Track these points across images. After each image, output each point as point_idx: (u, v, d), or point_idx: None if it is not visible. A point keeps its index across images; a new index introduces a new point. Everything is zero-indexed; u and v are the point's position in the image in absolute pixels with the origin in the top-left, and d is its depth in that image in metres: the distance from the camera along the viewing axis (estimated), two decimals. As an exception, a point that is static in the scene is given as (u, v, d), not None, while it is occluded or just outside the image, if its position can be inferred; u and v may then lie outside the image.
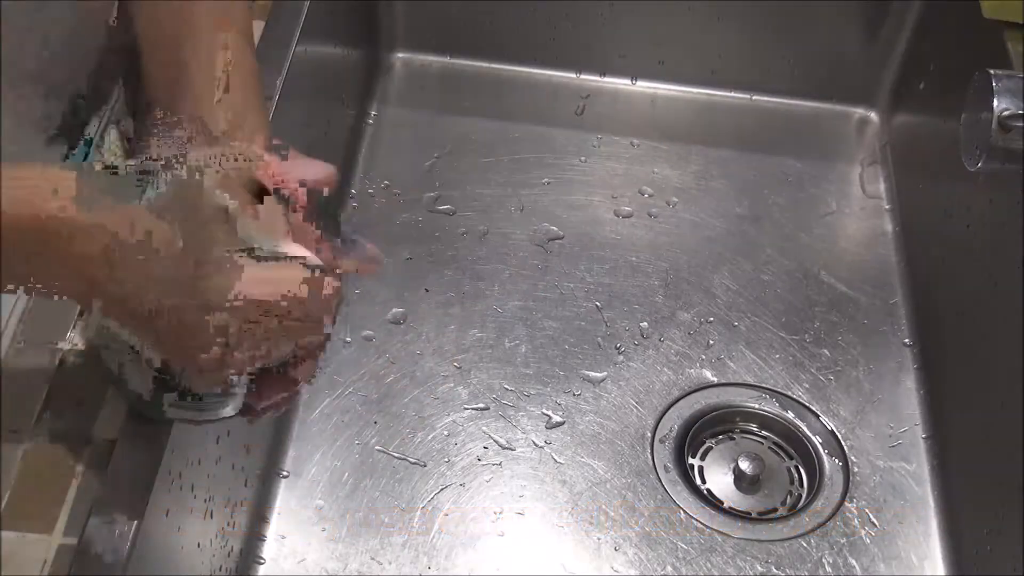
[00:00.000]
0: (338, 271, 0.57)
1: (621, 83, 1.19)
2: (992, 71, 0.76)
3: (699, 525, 0.87)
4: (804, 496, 0.91)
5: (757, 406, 0.95)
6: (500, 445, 0.91)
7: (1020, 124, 0.75)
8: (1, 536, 0.58)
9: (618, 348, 0.98)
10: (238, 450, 0.78)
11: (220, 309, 0.53)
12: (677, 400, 0.94)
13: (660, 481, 0.89)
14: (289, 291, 0.54)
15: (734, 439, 0.94)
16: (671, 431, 0.93)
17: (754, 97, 1.19)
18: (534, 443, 0.91)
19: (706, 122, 1.17)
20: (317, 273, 0.55)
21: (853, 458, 0.92)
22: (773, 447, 0.93)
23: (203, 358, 0.54)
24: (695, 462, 0.92)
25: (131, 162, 0.58)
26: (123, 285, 0.53)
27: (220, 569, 0.76)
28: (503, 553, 0.85)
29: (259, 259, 0.54)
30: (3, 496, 0.59)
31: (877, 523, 0.88)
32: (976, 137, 0.78)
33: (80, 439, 0.62)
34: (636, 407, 0.94)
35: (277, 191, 0.56)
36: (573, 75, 1.19)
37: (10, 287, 0.54)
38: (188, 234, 0.53)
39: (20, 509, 0.59)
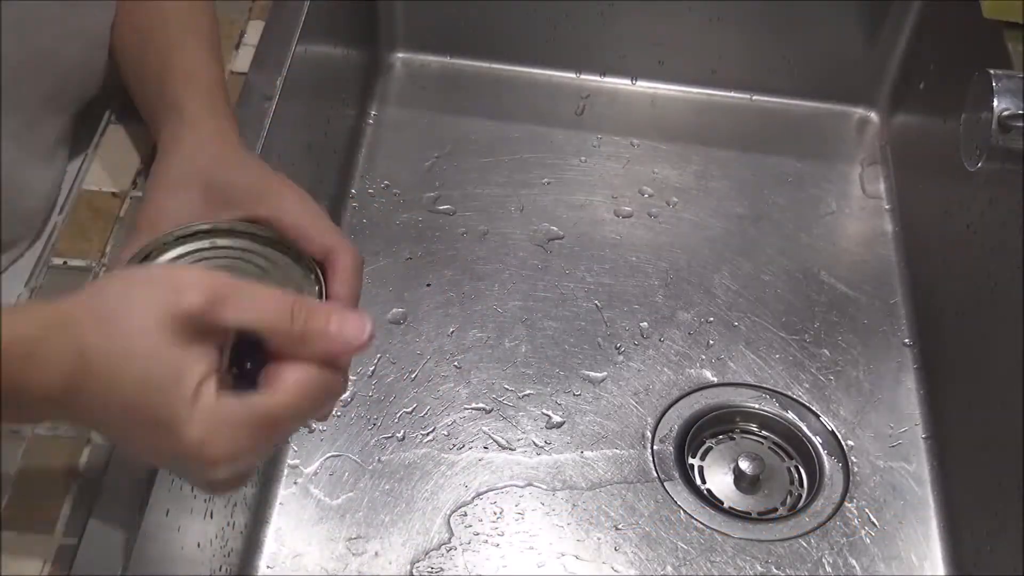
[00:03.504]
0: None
1: (621, 83, 1.19)
2: (992, 71, 0.76)
3: (699, 525, 0.87)
4: (804, 496, 0.91)
5: (757, 406, 0.95)
6: (500, 445, 0.91)
7: (1020, 124, 0.75)
8: (1, 536, 0.58)
9: (618, 348, 0.98)
10: (238, 450, 0.78)
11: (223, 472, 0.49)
12: (677, 400, 0.94)
13: (660, 481, 0.89)
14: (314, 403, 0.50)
15: (734, 439, 0.94)
16: (671, 431, 0.93)
17: (754, 97, 1.19)
18: (534, 443, 0.91)
19: (706, 122, 1.17)
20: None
21: (853, 458, 0.92)
22: (773, 447, 0.93)
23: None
24: (695, 462, 0.92)
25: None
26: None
27: (220, 569, 0.76)
28: (503, 553, 0.85)
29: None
30: (3, 496, 0.59)
31: (877, 523, 0.88)
32: (976, 137, 0.78)
33: (80, 439, 0.62)
34: (636, 407, 0.94)
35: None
36: (573, 75, 1.19)
37: None
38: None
39: (20, 509, 0.59)
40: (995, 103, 0.75)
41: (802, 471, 0.92)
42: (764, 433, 0.94)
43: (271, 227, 0.60)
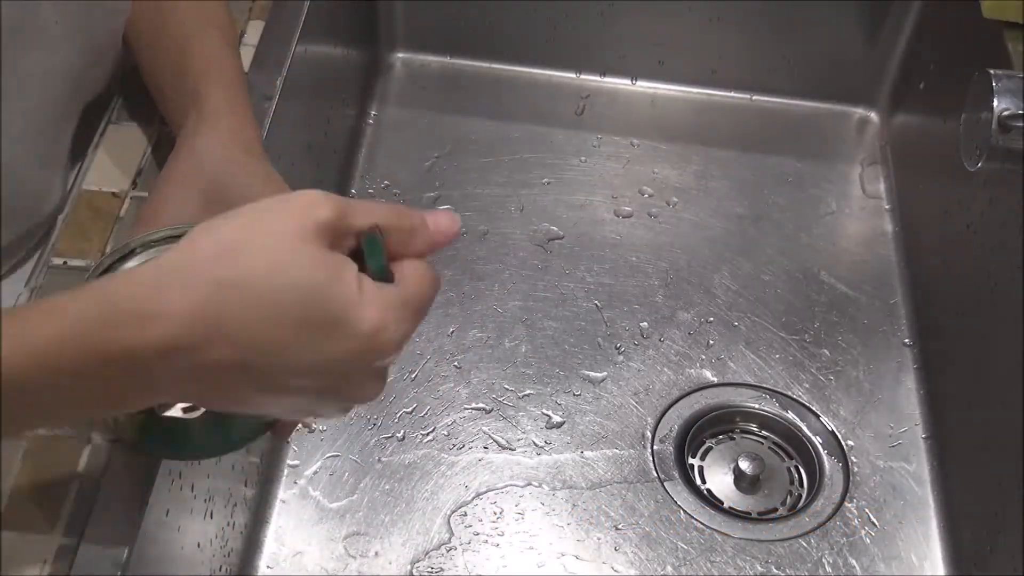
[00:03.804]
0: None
1: (621, 83, 1.19)
2: (992, 71, 0.76)
3: (699, 525, 0.87)
4: (804, 496, 0.91)
5: (757, 406, 0.95)
6: (500, 445, 0.91)
7: (1020, 124, 0.75)
8: (1, 536, 0.58)
9: (618, 348, 0.98)
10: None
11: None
12: (677, 400, 0.94)
13: (660, 481, 0.89)
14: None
15: (734, 439, 0.94)
16: (671, 431, 0.93)
17: (754, 97, 1.19)
18: (534, 443, 0.91)
19: (706, 122, 1.17)
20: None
21: (853, 458, 0.92)
22: (773, 447, 0.93)
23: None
24: (695, 462, 0.92)
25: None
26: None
27: (220, 569, 0.76)
28: (503, 553, 0.85)
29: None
30: (3, 496, 0.59)
31: (877, 523, 0.88)
32: (976, 137, 0.78)
33: (80, 439, 0.62)
34: (636, 407, 0.94)
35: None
36: (573, 75, 1.19)
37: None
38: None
39: (20, 509, 0.59)
40: (995, 103, 0.75)
41: (802, 471, 0.92)
42: (764, 433, 0.94)
43: None
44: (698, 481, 0.91)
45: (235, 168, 0.64)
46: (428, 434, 0.91)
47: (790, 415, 0.94)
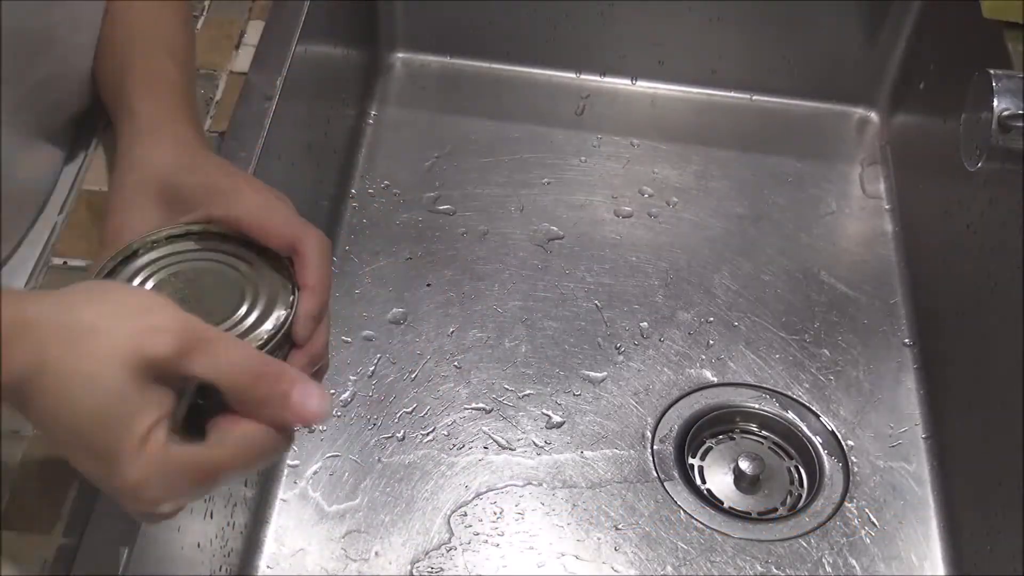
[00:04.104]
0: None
1: (621, 83, 1.19)
2: (992, 71, 0.76)
3: (699, 525, 0.87)
4: (804, 496, 0.91)
5: (757, 406, 0.95)
6: (500, 445, 0.91)
7: (1020, 124, 0.75)
8: (1, 536, 0.58)
9: (618, 348, 0.98)
10: (238, 450, 0.78)
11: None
12: (677, 400, 0.94)
13: (660, 481, 0.89)
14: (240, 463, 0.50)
15: (734, 439, 0.94)
16: (671, 431, 0.93)
17: (754, 97, 1.19)
18: (534, 443, 0.91)
19: (706, 122, 1.17)
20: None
21: (853, 458, 0.92)
22: (773, 447, 0.93)
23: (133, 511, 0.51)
24: (695, 462, 0.92)
25: None
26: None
27: (220, 569, 0.76)
28: (503, 553, 0.85)
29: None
30: (3, 496, 0.59)
31: (877, 523, 0.88)
32: (976, 137, 0.78)
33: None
34: (636, 407, 0.94)
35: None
36: (573, 75, 1.19)
37: None
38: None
39: (20, 509, 0.59)
40: (995, 103, 0.75)
41: (802, 471, 0.92)
42: (764, 433, 0.94)
43: (229, 225, 0.59)
44: (698, 481, 0.91)
45: (181, 169, 0.62)
46: (428, 434, 0.91)
47: (790, 415, 0.94)
